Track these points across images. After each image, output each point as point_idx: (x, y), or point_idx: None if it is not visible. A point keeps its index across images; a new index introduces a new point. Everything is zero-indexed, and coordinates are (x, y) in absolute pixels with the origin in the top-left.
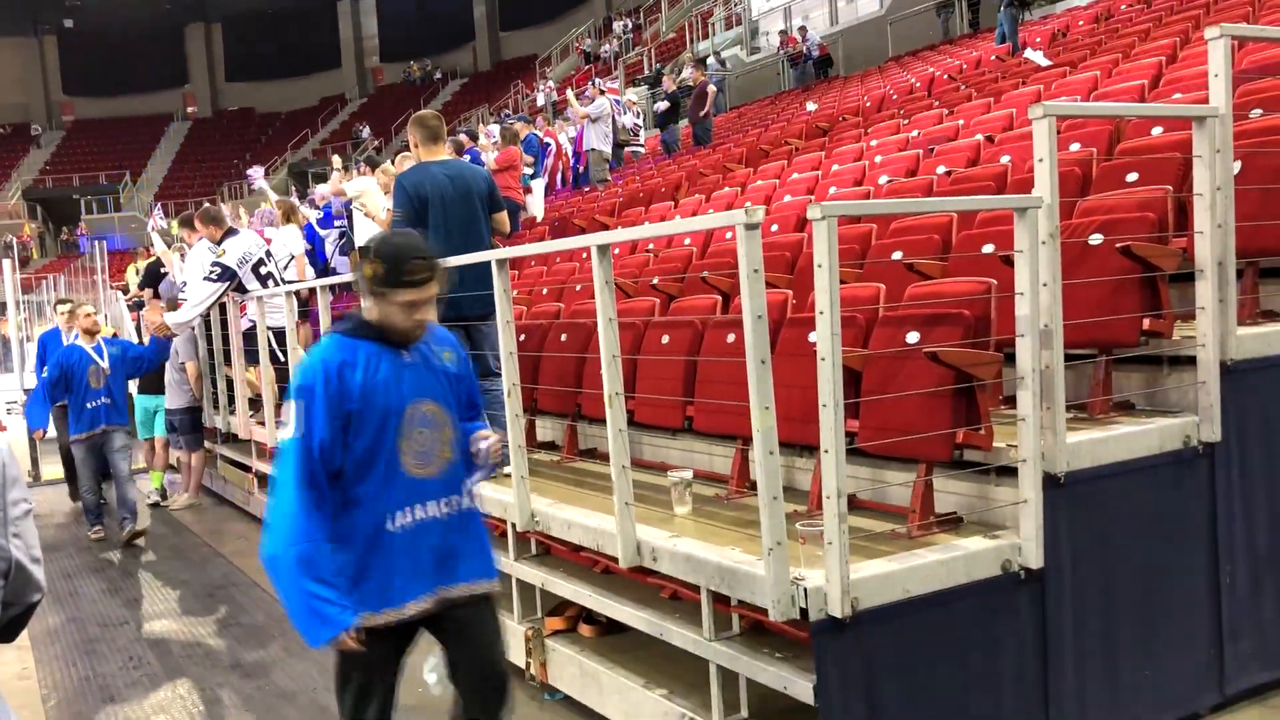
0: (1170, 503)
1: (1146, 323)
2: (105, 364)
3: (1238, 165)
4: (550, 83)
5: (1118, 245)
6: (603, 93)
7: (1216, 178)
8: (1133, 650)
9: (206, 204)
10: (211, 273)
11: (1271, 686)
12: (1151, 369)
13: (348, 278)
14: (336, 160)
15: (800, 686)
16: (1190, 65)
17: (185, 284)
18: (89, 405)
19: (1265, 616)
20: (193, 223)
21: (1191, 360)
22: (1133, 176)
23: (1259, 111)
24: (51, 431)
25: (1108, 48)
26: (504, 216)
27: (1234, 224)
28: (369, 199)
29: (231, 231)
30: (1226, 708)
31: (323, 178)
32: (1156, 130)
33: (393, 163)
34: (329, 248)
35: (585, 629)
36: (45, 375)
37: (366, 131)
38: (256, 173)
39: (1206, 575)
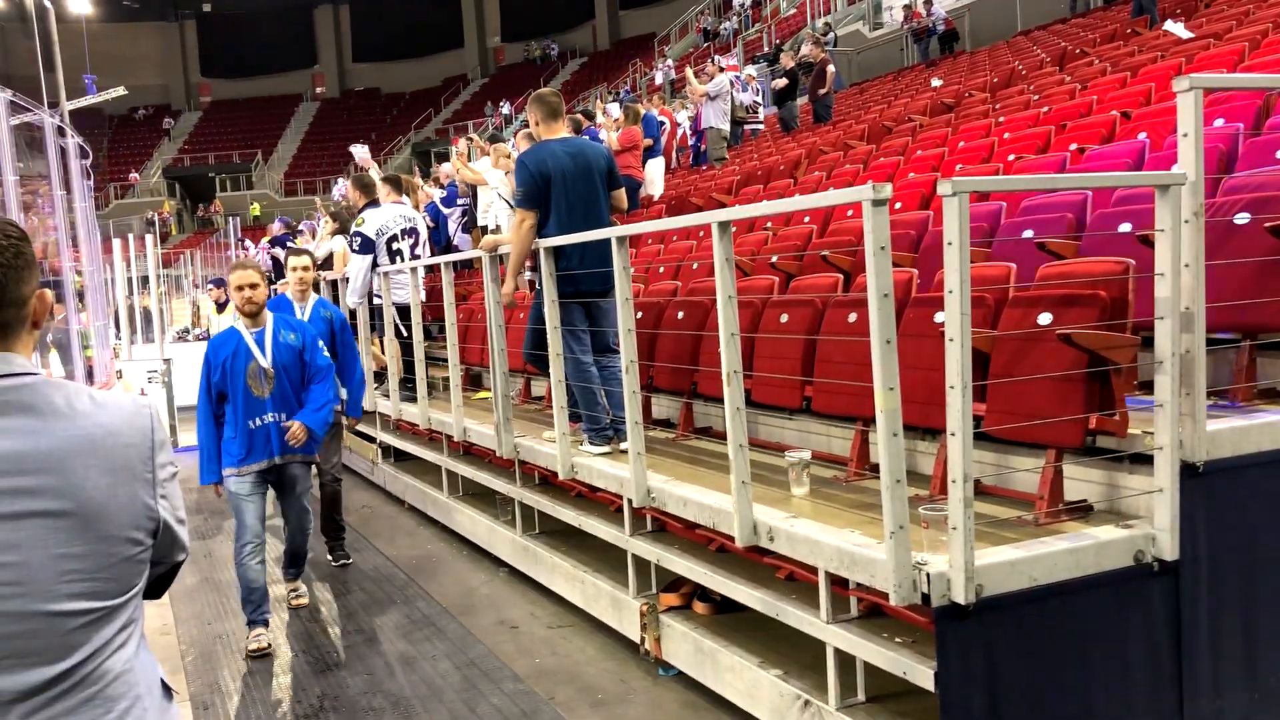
0: None
1: None
2: (268, 361)
3: None
4: (669, 61)
5: (1267, 225)
6: (721, 70)
7: None
8: (1274, 648)
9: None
10: (353, 243)
11: None
12: None
13: (471, 254)
14: (462, 144)
15: (920, 673)
16: None
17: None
18: (253, 424)
19: None
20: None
21: None
22: None
23: None
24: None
25: (1255, 18)
26: (622, 194)
27: None
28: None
29: (374, 203)
30: None
31: (445, 157)
32: None
33: (512, 143)
34: (452, 225)
35: (699, 606)
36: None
37: (507, 108)
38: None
39: None
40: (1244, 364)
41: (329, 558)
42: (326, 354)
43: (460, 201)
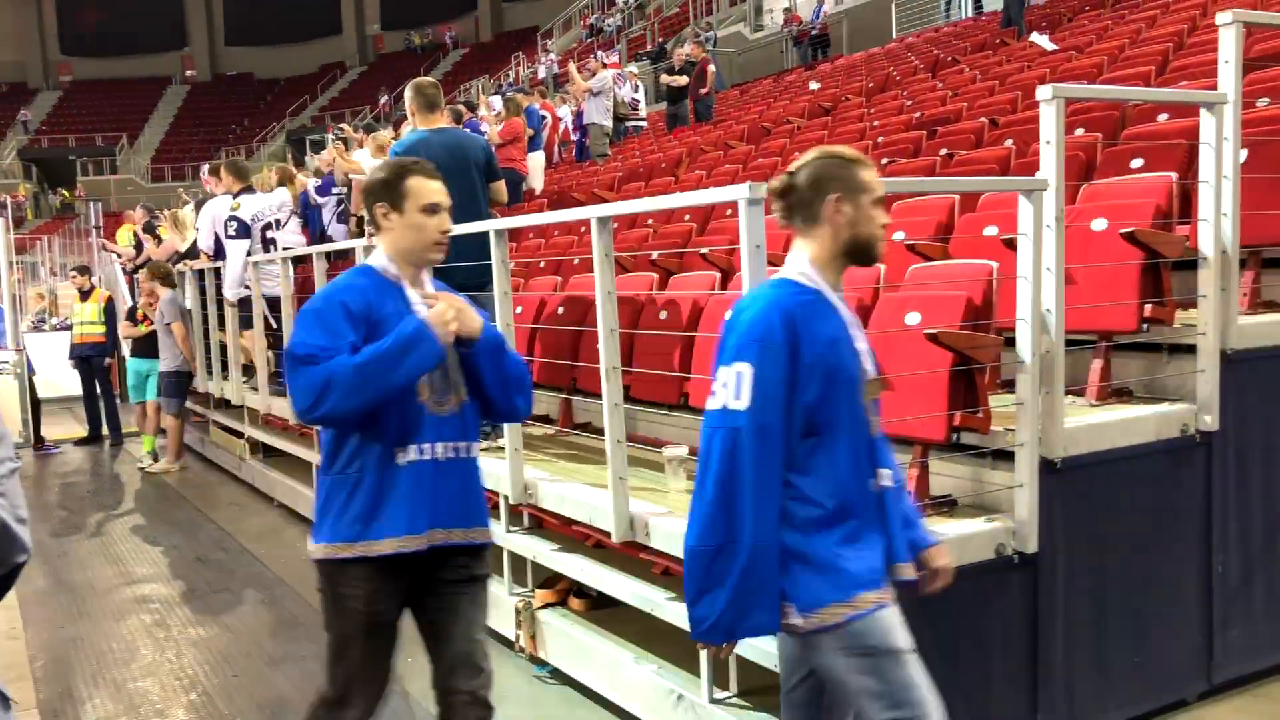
0: (1166, 491)
1: (1148, 309)
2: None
3: (1244, 154)
4: (552, 55)
5: (1121, 231)
6: (605, 66)
7: (1223, 165)
8: (1123, 637)
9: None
10: (229, 228)
11: (1259, 675)
12: (1152, 356)
13: (344, 245)
14: (346, 129)
15: None
16: (1197, 52)
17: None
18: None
19: (1256, 606)
20: (219, 171)
21: (1192, 348)
22: (1138, 162)
23: (1266, 100)
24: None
25: (1114, 33)
26: (502, 186)
27: (1238, 212)
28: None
29: (249, 189)
30: (1214, 695)
31: (321, 145)
32: (1163, 117)
33: (393, 132)
34: (326, 215)
35: (576, 602)
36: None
37: (384, 99)
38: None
39: (1199, 564)
40: (1100, 364)
41: None
42: None
43: (335, 191)
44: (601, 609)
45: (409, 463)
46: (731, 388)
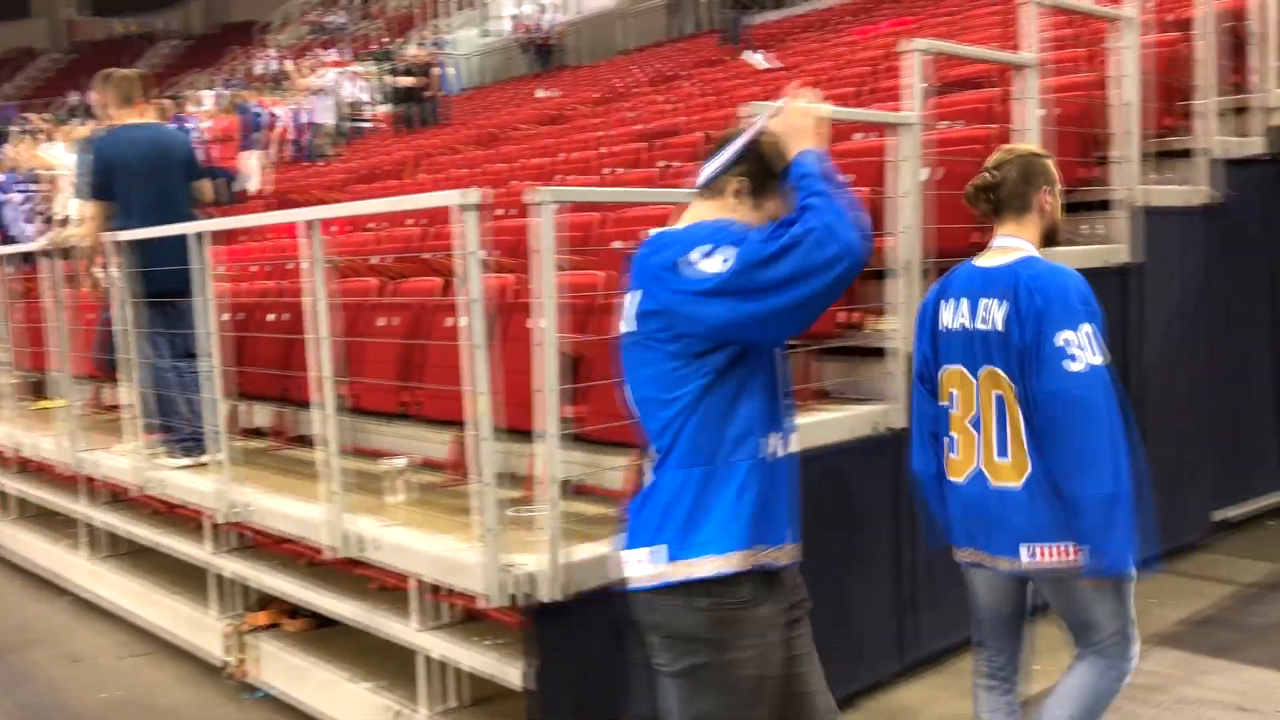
0: (862, 485)
1: (846, 316)
2: None
3: (927, 171)
4: (272, 50)
5: None
6: (328, 64)
7: (909, 182)
8: (831, 624)
9: None
10: None
11: (946, 652)
12: (848, 359)
13: (30, 247)
14: (34, 119)
15: (511, 674)
16: (894, 76)
17: None
18: None
19: (939, 590)
20: None
21: (882, 352)
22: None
23: (949, 123)
24: None
25: (823, 54)
26: (206, 185)
27: (922, 226)
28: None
29: None
30: (906, 674)
31: (4, 138)
32: (859, 135)
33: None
34: (9, 213)
35: (291, 623)
36: None
37: (75, 98)
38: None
39: (890, 553)
40: (804, 367)
41: None
42: None
43: (20, 187)
44: (322, 628)
45: (781, 454)
46: (1090, 347)
